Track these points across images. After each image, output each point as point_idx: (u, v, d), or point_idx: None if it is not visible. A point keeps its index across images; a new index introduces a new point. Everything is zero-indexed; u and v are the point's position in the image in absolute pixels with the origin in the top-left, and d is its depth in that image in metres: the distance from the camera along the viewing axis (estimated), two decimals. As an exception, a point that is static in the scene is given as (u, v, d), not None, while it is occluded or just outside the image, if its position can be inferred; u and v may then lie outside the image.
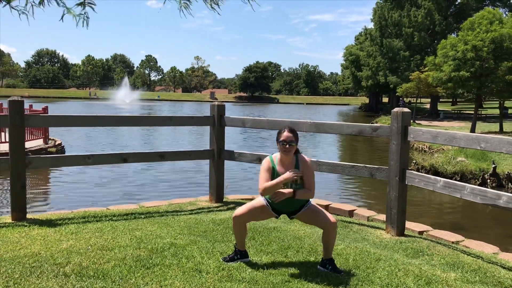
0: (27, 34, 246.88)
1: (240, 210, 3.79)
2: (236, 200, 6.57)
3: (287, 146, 3.68)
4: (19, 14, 3.99)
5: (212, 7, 3.97)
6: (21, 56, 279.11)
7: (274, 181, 3.61)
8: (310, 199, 3.78)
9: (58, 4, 3.97)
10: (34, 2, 4.07)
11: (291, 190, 3.62)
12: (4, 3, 4.14)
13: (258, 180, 3.73)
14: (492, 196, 4.05)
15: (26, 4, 4.02)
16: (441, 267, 3.99)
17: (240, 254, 3.87)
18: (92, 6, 3.94)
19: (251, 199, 6.68)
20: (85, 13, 3.96)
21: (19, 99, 5.16)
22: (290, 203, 3.72)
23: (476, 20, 23.97)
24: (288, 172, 3.61)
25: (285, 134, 3.70)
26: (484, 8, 28.46)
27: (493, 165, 13.37)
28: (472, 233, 8.16)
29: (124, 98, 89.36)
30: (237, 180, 13.69)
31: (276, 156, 3.81)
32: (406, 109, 4.94)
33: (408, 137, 4.88)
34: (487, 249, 4.74)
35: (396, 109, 4.96)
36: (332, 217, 3.69)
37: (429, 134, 4.72)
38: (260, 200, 3.83)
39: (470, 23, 24.20)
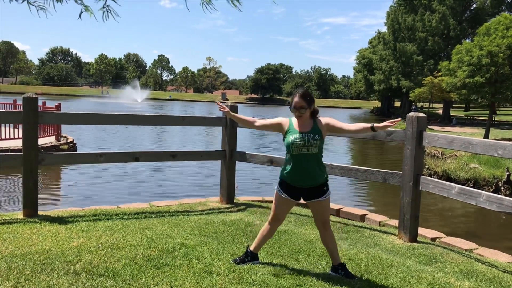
0: (41, 32, 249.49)
1: (271, 215, 3.79)
2: (246, 202, 6.54)
3: (297, 112, 3.60)
4: (37, 10, 4.00)
5: (233, 4, 3.94)
6: (35, 53, 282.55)
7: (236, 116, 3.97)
8: (329, 190, 3.71)
9: (76, 1, 3.97)
10: None
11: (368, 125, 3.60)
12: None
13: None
14: (509, 204, 3.97)
15: None
16: (454, 275, 3.92)
17: (251, 256, 3.84)
18: None
19: (262, 201, 6.67)
20: (107, 6, 3.96)
21: (33, 96, 5.18)
22: (308, 166, 3.56)
23: (492, 26, 23.71)
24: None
25: (296, 99, 3.60)
26: (500, 14, 28.16)
27: (507, 173, 13.19)
28: (485, 241, 8.04)
29: (136, 97, 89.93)
30: (247, 182, 13.66)
31: (294, 119, 3.71)
32: (421, 114, 4.87)
33: (423, 142, 4.81)
34: (501, 257, 4.65)
35: (411, 114, 4.89)
36: (327, 217, 3.70)
37: (444, 139, 4.65)
38: (276, 197, 3.75)
39: (486, 29, 23.94)
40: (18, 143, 13.81)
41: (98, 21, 4.00)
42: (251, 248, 3.87)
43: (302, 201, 3.77)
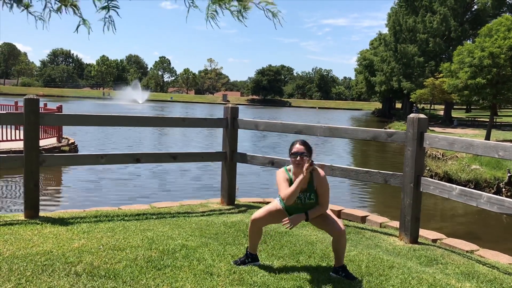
0: (42, 34, 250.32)
1: (258, 214, 3.77)
2: (247, 203, 6.54)
3: (298, 158, 3.61)
4: (36, 21, 4.02)
5: (239, 19, 3.96)
6: (36, 55, 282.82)
7: (294, 186, 3.54)
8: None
9: (75, 13, 3.98)
10: (52, 8, 4.09)
11: (303, 215, 3.61)
12: (22, 8, 4.17)
13: (279, 190, 3.69)
14: (510, 205, 3.96)
15: (44, 9, 4.05)
16: (455, 277, 3.92)
17: (251, 258, 3.84)
18: (116, 9, 3.94)
19: (262, 202, 6.67)
20: (109, 16, 3.96)
21: (35, 97, 5.19)
22: (303, 207, 3.68)
23: (493, 27, 23.72)
24: (301, 175, 3.54)
25: (297, 146, 3.65)
26: (501, 15, 28.15)
27: (509, 174, 13.17)
28: (486, 242, 8.04)
29: (137, 98, 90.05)
30: (247, 183, 13.66)
31: (291, 168, 3.75)
32: (422, 115, 4.87)
33: (423, 143, 4.81)
34: (502, 259, 4.65)
35: (412, 115, 4.89)
36: (341, 225, 3.64)
37: (445, 141, 4.65)
38: (276, 204, 3.81)
39: (488, 30, 23.95)
40: (19, 145, 13.83)
41: (98, 34, 4.02)
42: (248, 249, 3.87)
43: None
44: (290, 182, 3.67)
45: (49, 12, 4.04)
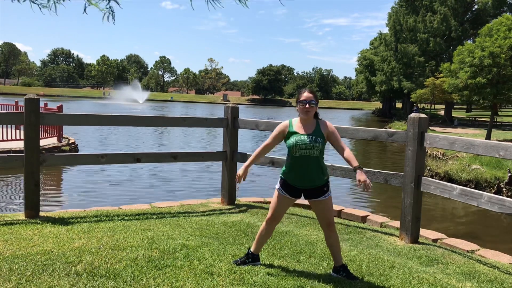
0: (43, 33, 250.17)
1: (270, 214, 3.75)
2: (248, 203, 6.54)
3: (307, 105, 3.58)
4: (40, 8, 3.98)
5: (240, 1, 3.92)
6: (37, 55, 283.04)
7: (247, 162, 3.76)
8: (330, 189, 3.69)
9: None
10: None
11: (361, 170, 3.58)
12: None
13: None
14: (510, 205, 3.96)
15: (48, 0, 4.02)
16: (456, 277, 3.91)
17: (252, 258, 3.83)
18: (117, 0, 3.92)
19: (263, 202, 6.67)
20: (110, 7, 3.94)
21: (35, 97, 5.19)
22: (309, 168, 3.58)
23: (494, 27, 23.69)
24: (239, 172, 3.67)
25: (305, 94, 3.62)
26: (502, 15, 28.12)
27: (509, 174, 13.16)
28: (487, 242, 8.03)
29: (137, 98, 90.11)
30: (248, 183, 13.65)
31: (296, 119, 3.73)
32: (423, 115, 4.87)
33: (424, 143, 4.81)
34: (503, 259, 4.64)
35: (412, 115, 4.89)
36: (332, 219, 3.67)
37: (446, 140, 4.65)
38: (276, 195, 3.73)
39: (488, 29, 23.92)
40: (20, 144, 13.84)
41: (101, 20, 3.98)
42: (252, 249, 3.86)
43: (304, 202, 3.77)
44: (289, 134, 3.65)
45: (53, 3, 4.01)
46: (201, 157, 7.02)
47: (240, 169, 3.74)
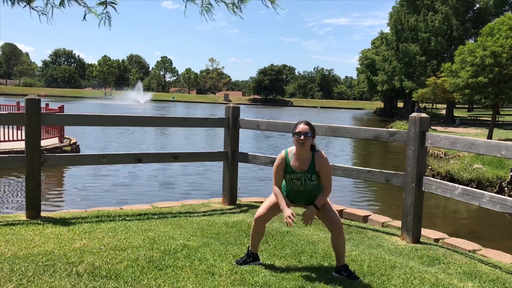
0: (44, 34, 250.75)
1: (260, 211, 3.77)
2: (249, 203, 6.53)
3: (302, 137, 3.57)
4: (39, 16, 4.00)
5: (234, 11, 3.94)
6: (38, 55, 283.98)
7: (281, 205, 3.62)
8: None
9: (79, 3, 3.97)
10: (54, 3, 4.07)
11: (312, 208, 3.58)
12: (24, 3, 4.16)
13: (273, 181, 3.76)
14: (512, 204, 3.95)
15: (46, 5, 4.03)
16: (458, 276, 3.90)
17: (252, 257, 3.83)
18: (114, 5, 3.93)
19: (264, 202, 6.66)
20: (107, 12, 3.95)
21: (36, 97, 5.19)
22: (305, 195, 3.69)
23: (495, 26, 23.66)
24: (287, 215, 3.53)
25: (301, 126, 3.62)
26: (504, 14, 28.07)
27: (511, 173, 13.14)
28: (489, 242, 8.01)
29: (139, 98, 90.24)
30: (249, 183, 13.65)
31: (292, 150, 3.73)
32: (424, 115, 4.85)
33: (425, 143, 4.79)
34: (505, 258, 4.63)
35: (414, 114, 4.88)
36: (339, 220, 3.66)
37: (447, 140, 4.63)
38: (272, 199, 3.78)
39: (490, 29, 23.89)
40: (21, 145, 13.85)
41: (100, 26, 4.00)
42: (250, 248, 3.86)
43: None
44: (286, 167, 3.68)
45: (51, 6, 4.03)
46: (202, 157, 7.01)
47: (285, 211, 3.58)
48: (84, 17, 4.08)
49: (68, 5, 4.11)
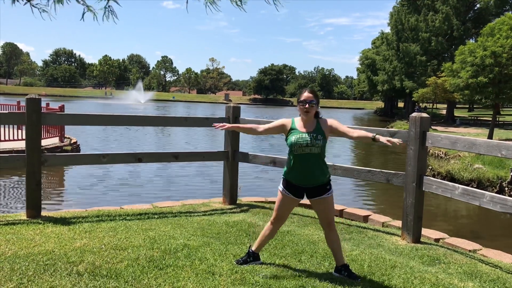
0: (45, 34, 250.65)
1: (274, 215, 3.77)
2: (249, 203, 6.53)
3: (307, 105, 3.57)
4: (40, 12, 4.00)
5: (237, 4, 3.93)
6: (38, 55, 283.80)
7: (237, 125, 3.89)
8: (332, 188, 3.69)
9: (78, 1, 3.98)
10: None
11: (379, 136, 3.56)
12: (25, 1, 4.17)
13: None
14: (512, 204, 3.95)
15: (47, 1, 4.03)
16: (458, 276, 3.90)
17: (253, 257, 3.84)
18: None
19: (264, 202, 6.66)
20: (109, 6, 3.95)
21: (37, 97, 5.19)
22: (310, 164, 3.57)
23: (496, 26, 23.65)
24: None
25: (305, 94, 3.62)
26: (504, 14, 28.06)
27: None
28: (489, 242, 8.01)
29: (139, 98, 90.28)
30: (249, 182, 13.65)
31: (298, 118, 3.72)
32: (424, 114, 4.85)
33: (426, 142, 4.79)
34: (505, 258, 4.63)
35: (414, 114, 4.88)
36: (332, 218, 3.68)
37: (447, 140, 4.63)
38: (279, 196, 3.73)
39: (490, 29, 23.88)
40: (22, 144, 13.85)
41: (100, 23, 4.00)
42: (253, 248, 3.86)
43: (305, 201, 3.76)
44: (294, 130, 3.63)
45: (52, 3, 4.04)
46: (202, 157, 7.01)
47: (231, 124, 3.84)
48: (83, 16, 4.09)
49: (66, 2, 4.11)
